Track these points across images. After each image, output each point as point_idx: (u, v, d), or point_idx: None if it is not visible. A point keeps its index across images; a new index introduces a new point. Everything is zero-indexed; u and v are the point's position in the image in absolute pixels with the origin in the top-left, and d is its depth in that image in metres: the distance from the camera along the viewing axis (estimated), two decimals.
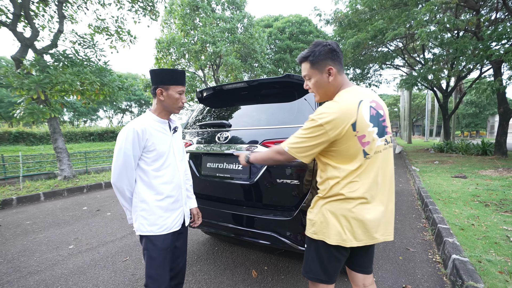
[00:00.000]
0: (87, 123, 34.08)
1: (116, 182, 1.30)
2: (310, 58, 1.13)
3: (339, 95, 1.11)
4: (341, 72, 1.15)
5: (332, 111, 1.04)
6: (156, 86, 1.34)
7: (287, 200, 1.74)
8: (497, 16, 10.66)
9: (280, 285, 2.12)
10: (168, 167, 1.39)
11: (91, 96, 6.77)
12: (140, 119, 1.34)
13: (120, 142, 1.28)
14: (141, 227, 1.33)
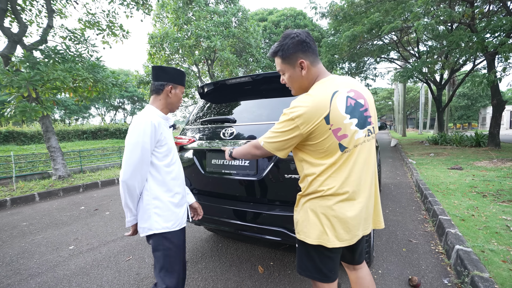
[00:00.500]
0: (79, 121, 33.47)
1: (129, 179, 1.22)
2: (280, 53, 1.09)
3: (313, 87, 1.05)
4: (315, 63, 1.08)
5: (303, 104, 0.98)
6: (167, 83, 1.35)
7: (296, 195, 1.71)
8: (490, 8, 10.75)
9: (287, 280, 2.12)
10: (176, 162, 1.41)
11: (84, 93, 6.62)
12: (150, 113, 1.32)
13: (136, 135, 1.22)
14: (156, 225, 1.29)
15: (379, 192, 4.52)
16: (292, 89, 1.17)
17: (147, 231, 1.30)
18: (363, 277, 1.29)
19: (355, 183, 1.04)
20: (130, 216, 1.33)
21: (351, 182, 1.03)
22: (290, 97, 1.93)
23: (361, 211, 1.06)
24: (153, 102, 1.39)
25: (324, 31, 17.03)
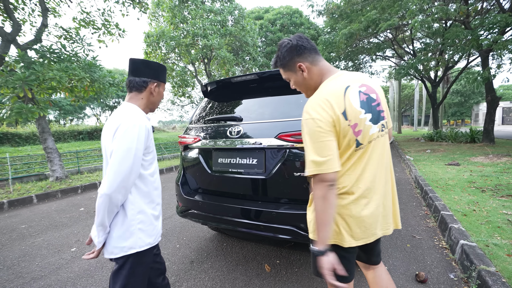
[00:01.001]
0: (73, 122, 33.04)
1: (114, 193, 1.03)
2: (278, 63, 1.12)
3: (321, 86, 1.03)
4: (315, 62, 1.07)
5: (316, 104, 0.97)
6: (151, 79, 1.22)
7: (306, 193, 1.71)
8: (483, 6, 10.87)
9: (295, 278, 2.12)
10: (157, 170, 1.28)
11: (81, 93, 6.52)
12: (139, 114, 1.16)
13: (130, 141, 1.06)
14: (139, 242, 1.14)
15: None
16: (303, 93, 1.17)
17: (127, 250, 1.12)
18: (380, 276, 1.26)
19: (369, 180, 1.01)
20: (103, 235, 1.11)
21: (365, 179, 1.01)
22: (296, 95, 1.92)
23: (377, 209, 1.04)
24: (134, 101, 1.21)
25: (320, 29, 17.06)
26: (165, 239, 3.03)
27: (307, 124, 0.96)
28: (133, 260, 1.15)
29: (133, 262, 1.15)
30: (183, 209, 2.23)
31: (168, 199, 4.80)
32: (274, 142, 1.76)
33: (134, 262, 1.15)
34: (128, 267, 1.14)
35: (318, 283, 2.04)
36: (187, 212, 2.19)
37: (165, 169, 8.50)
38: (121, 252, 1.12)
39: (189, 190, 2.28)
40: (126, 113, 1.13)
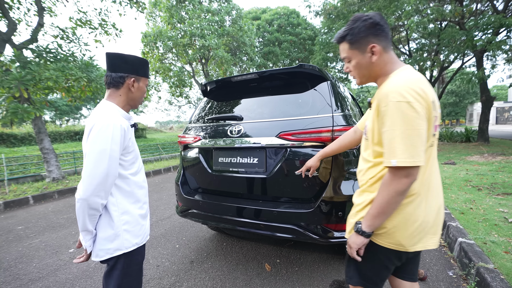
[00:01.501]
0: (70, 122, 32.76)
1: (91, 196, 0.99)
2: (348, 37, 0.98)
3: (400, 73, 0.93)
4: (387, 49, 0.97)
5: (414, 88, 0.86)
6: (128, 74, 1.14)
7: (307, 192, 1.72)
8: (478, 7, 11.01)
9: (295, 277, 2.13)
10: (141, 169, 1.26)
11: (77, 93, 6.46)
12: (115, 113, 1.11)
13: (104, 142, 1.01)
14: (126, 243, 1.12)
15: None
16: (357, 78, 1.06)
17: (113, 252, 1.10)
18: None
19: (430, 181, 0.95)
20: (90, 239, 1.09)
21: (427, 179, 0.94)
22: (297, 94, 1.93)
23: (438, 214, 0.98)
24: (112, 98, 1.15)
25: (317, 29, 17.11)
26: (164, 239, 3.02)
27: (400, 107, 0.84)
28: (124, 260, 1.13)
29: (124, 262, 1.13)
30: (183, 208, 2.22)
31: (166, 199, 4.78)
32: (274, 141, 1.76)
33: (125, 263, 1.14)
34: (120, 267, 1.13)
35: (318, 281, 2.05)
36: (187, 212, 2.18)
37: (163, 169, 8.46)
38: (106, 255, 1.10)
39: (189, 190, 2.27)
40: (101, 112, 1.08)
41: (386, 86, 0.91)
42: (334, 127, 1.65)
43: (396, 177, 0.87)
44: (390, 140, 0.86)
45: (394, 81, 0.90)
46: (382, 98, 0.89)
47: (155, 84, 13.86)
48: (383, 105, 0.88)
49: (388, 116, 0.86)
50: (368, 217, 0.95)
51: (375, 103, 0.95)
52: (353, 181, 1.69)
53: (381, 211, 0.91)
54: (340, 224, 1.63)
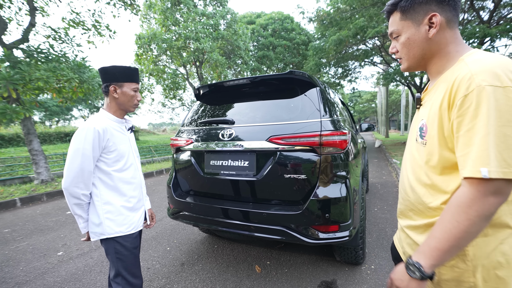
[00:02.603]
0: (60, 123, 32.10)
1: (69, 187, 1.21)
2: (403, 3, 0.77)
3: (475, 54, 0.70)
4: (452, 24, 0.75)
5: None
6: (109, 83, 1.31)
7: (296, 195, 1.77)
8: (465, 17, 11.42)
9: (284, 279, 2.16)
10: (130, 167, 1.39)
11: (69, 94, 6.39)
12: (98, 118, 1.30)
13: (77, 142, 1.21)
14: (108, 230, 1.29)
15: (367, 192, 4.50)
16: (405, 61, 0.83)
17: (99, 236, 1.30)
18: None
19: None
20: (83, 222, 1.31)
21: None
22: (287, 99, 1.99)
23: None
24: (105, 105, 1.38)
25: (311, 35, 17.38)
26: (155, 241, 3.01)
27: (495, 94, 0.60)
28: (114, 244, 1.31)
29: (114, 246, 1.30)
30: (175, 211, 2.24)
31: (158, 202, 4.76)
32: (265, 145, 1.81)
33: (116, 246, 1.30)
34: (112, 252, 1.31)
35: (307, 282, 2.09)
36: (179, 214, 2.20)
37: (155, 171, 8.39)
38: (95, 236, 1.30)
39: (181, 192, 2.29)
40: (89, 118, 1.31)
41: (466, 67, 0.66)
42: (322, 132, 1.71)
43: (480, 194, 0.61)
44: (479, 141, 0.60)
45: (479, 61, 0.65)
46: (463, 81, 0.64)
47: (149, 86, 13.80)
48: (463, 91, 0.63)
49: (479, 104, 0.61)
50: (430, 251, 0.67)
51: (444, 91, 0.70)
52: (340, 184, 1.75)
53: (455, 244, 0.64)
54: (327, 225, 1.68)
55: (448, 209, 0.66)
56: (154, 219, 1.66)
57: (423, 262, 0.68)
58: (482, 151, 0.60)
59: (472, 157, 0.61)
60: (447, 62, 0.76)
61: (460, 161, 0.65)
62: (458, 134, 0.65)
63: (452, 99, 0.66)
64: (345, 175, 1.78)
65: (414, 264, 0.69)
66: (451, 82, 0.67)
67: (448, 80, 0.69)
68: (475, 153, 0.61)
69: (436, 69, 0.80)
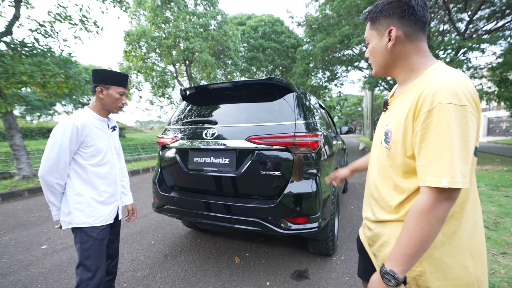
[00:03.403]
0: (41, 118, 30.94)
1: (45, 175, 1.30)
2: (371, 14, 0.85)
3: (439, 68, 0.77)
4: (413, 37, 0.80)
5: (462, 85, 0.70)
6: (97, 84, 1.41)
7: (271, 189, 1.95)
8: (444, 28, 12.09)
9: (261, 268, 2.34)
10: (107, 163, 1.47)
11: (54, 89, 6.30)
12: (79, 114, 1.39)
13: (56, 135, 1.30)
14: (76, 219, 1.36)
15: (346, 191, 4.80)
16: (373, 66, 0.92)
17: (67, 225, 1.37)
18: None
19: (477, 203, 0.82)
20: (56, 210, 1.40)
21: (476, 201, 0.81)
22: (266, 102, 2.17)
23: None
24: (91, 103, 1.48)
25: (300, 38, 17.75)
26: (139, 236, 3.11)
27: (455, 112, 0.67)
28: (81, 234, 1.38)
29: (81, 235, 1.38)
30: (159, 204, 2.37)
31: (144, 199, 4.82)
32: (244, 144, 1.98)
33: (82, 236, 1.37)
34: (78, 241, 1.39)
35: (282, 271, 2.28)
36: (163, 208, 2.33)
37: (141, 169, 8.37)
38: (64, 225, 1.39)
39: (166, 187, 2.42)
40: (72, 114, 1.41)
41: (428, 83, 0.73)
42: (295, 133, 1.90)
43: (437, 201, 0.69)
44: (440, 154, 0.68)
45: (442, 78, 0.72)
46: (427, 97, 0.71)
47: (136, 83, 13.66)
48: (427, 106, 0.70)
49: (440, 120, 0.67)
50: (401, 258, 0.73)
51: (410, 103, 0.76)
52: (311, 180, 1.94)
53: (421, 248, 0.71)
54: (298, 217, 1.87)
55: (410, 217, 0.73)
56: (135, 214, 1.76)
57: (395, 269, 0.73)
58: (443, 164, 0.67)
59: (434, 167, 0.68)
60: (412, 73, 0.83)
61: (421, 170, 0.72)
62: (421, 145, 0.72)
63: (417, 112, 0.73)
64: (316, 173, 1.97)
65: (388, 272, 0.74)
66: (417, 96, 0.74)
67: (414, 92, 0.76)
68: (436, 164, 0.68)
69: (402, 77, 0.87)
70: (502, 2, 9.39)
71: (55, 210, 1.40)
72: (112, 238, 1.61)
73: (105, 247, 1.46)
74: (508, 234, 2.75)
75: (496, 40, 8.54)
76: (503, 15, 10.17)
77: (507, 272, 2.03)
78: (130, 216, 1.75)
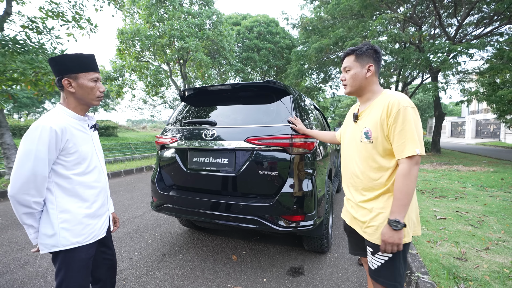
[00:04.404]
0: (30, 117, 30.20)
1: (17, 194, 1.04)
2: (358, 51, 1.25)
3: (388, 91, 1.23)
4: (377, 74, 1.26)
5: None
6: (61, 76, 1.13)
7: (269, 189, 2.02)
8: (435, 32, 12.43)
9: (258, 265, 2.41)
10: (94, 170, 1.25)
11: (46, 87, 6.20)
12: (54, 116, 1.13)
13: (29, 144, 1.05)
14: (63, 241, 1.12)
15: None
16: (348, 87, 1.29)
17: (50, 248, 1.12)
18: None
19: None
20: (34, 233, 1.13)
21: None
22: (263, 105, 2.23)
23: None
24: (62, 101, 1.19)
25: (295, 39, 17.89)
26: (136, 235, 3.13)
27: (413, 111, 1.12)
28: (64, 256, 1.14)
29: (63, 259, 1.14)
30: (158, 203, 2.41)
31: (139, 199, 4.82)
32: (243, 145, 2.04)
33: (65, 259, 1.14)
34: (59, 262, 1.15)
35: (278, 268, 2.35)
36: (162, 207, 2.37)
37: (135, 169, 8.32)
38: (45, 249, 1.13)
39: (164, 186, 2.46)
40: (44, 115, 1.13)
41: (391, 97, 1.16)
42: (292, 134, 1.97)
43: (412, 164, 1.08)
44: (412, 134, 1.08)
45: (395, 95, 1.17)
46: (394, 104, 1.12)
47: (130, 82, 13.51)
48: (396, 109, 1.11)
49: (405, 116, 1.09)
50: (400, 209, 1.08)
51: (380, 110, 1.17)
52: (307, 180, 2.02)
53: (409, 199, 1.09)
54: (294, 215, 1.95)
55: (398, 180, 1.11)
56: (117, 223, 1.54)
57: (398, 217, 1.08)
58: (413, 141, 1.09)
59: (408, 144, 1.09)
60: (373, 94, 1.28)
61: (399, 148, 1.12)
62: (395, 133, 1.13)
63: (389, 113, 1.14)
64: (312, 172, 2.05)
65: (394, 220, 1.09)
66: (385, 105, 1.16)
67: (382, 103, 1.19)
68: (409, 142, 1.09)
69: (366, 97, 1.30)
70: (490, 8, 9.73)
71: (33, 233, 1.12)
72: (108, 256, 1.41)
73: (91, 266, 1.25)
74: (491, 232, 2.90)
75: (484, 45, 8.84)
76: (491, 21, 10.54)
77: (489, 266, 2.16)
78: (113, 226, 1.51)
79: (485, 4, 9.46)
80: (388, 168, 1.17)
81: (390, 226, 1.09)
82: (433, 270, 2.10)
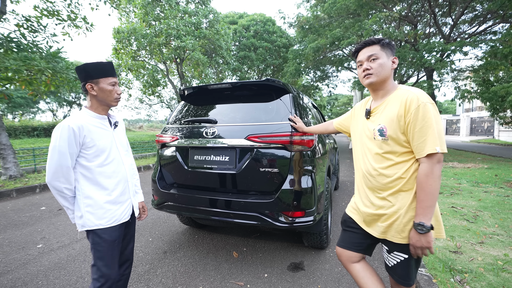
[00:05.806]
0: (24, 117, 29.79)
1: (52, 181, 1.29)
2: (384, 41, 1.20)
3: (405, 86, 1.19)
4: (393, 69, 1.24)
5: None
6: (85, 82, 1.34)
7: (269, 185, 2.05)
8: (430, 31, 12.55)
9: (259, 262, 2.44)
10: (112, 161, 1.42)
11: (41, 86, 6.14)
12: (75, 116, 1.35)
13: (54, 140, 1.28)
14: (88, 222, 1.34)
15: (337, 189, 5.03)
16: (374, 76, 1.19)
17: (81, 228, 1.36)
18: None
19: None
20: (71, 214, 1.38)
21: None
22: (263, 103, 2.26)
23: None
24: (87, 103, 1.42)
25: (292, 38, 17.93)
26: (137, 233, 3.14)
27: (433, 107, 1.06)
28: (93, 235, 1.37)
29: (93, 237, 1.37)
30: (159, 201, 2.42)
31: None
32: (243, 142, 2.07)
33: (94, 238, 1.37)
34: (91, 241, 1.39)
35: (278, 264, 2.39)
36: (163, 205, 2.39)
37: None
38: (79, 227, 1.37)
39: (165, 185, 2.48)
40: (69, 116, 1.37)
41: (409, 93, 1.11)
42: (292, 132, 2.01)
43: (433, 163, 1.03)
44: (432, 131, 1.03)
45: (413, 90, 1.12)
46: (413, 100, 1.07)
47: (126, 81, 13.42)
48: (415, 105, 1.06)
49: (425, 112, 1.04)
50: (425, 211, 1.04)
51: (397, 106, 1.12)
52: (307, 177, 2.05)
53: (434, 201, 1.04)
54: (295, 211, 1.98)
55: (421, 181, 1.06)
56: (146, 212, 1.72)
57: (423, 220, 1.04)
58: (433, 138, 1.03)
59: (428, 142, 1.04)
60: (391, 89, 1.23)
61: (419, 146, 1.06)
62: (414, 130, 1.07)
63: (407, 109, 1.09)
64: (311, 169, 2.09)
65: (419, 224, 1.05)
66: (403, 100, 1.11)
67: (399, 99, 1.14)
68: (429, 139, 1.04)
69: (383, 93, 1.24)
70: (483, 7, 9.86)
71: (71, 214, 1.39)
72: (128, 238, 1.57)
73: (118, 248, 1.43)
74: (486, 226, 2.97)
75: (477, 43, 8.97)
76: (485, 20, 10.68)
77: (483, 259, 2.23)
78: (141, 214, 1.70)
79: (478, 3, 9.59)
80: (403, 166, 1.13)
81: (415, 229, 1.05)
82: (429, 263, 2.15)
